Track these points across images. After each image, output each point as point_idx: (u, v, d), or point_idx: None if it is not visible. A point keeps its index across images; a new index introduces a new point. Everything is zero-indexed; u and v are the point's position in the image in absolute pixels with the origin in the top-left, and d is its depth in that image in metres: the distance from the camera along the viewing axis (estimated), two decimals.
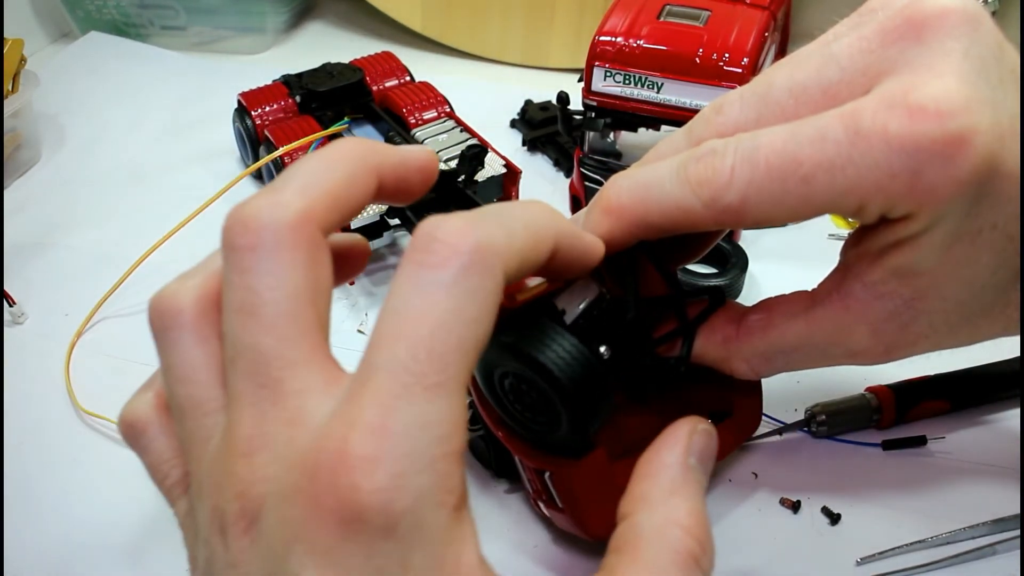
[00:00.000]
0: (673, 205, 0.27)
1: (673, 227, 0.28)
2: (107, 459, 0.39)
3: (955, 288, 0.27)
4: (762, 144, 0.26)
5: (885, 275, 0.27)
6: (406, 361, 0.20)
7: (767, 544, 0.35)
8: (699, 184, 0.26)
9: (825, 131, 0.25)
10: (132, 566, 0.35)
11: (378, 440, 0.20)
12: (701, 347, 0.31)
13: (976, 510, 0.35)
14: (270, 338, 0.22)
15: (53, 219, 0.54)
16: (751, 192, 0.26)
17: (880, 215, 0.26)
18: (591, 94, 0.46)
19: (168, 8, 0.72)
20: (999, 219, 0.26)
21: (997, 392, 0.40)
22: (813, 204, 0.25)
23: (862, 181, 0.24)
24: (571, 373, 0.26)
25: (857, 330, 0.29)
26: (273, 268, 0.22)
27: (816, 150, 0.25)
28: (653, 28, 0.44)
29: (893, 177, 0.24)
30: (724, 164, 0.26)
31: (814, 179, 0.25)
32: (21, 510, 0.37)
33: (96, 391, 0.42)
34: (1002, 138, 0.24)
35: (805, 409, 0.39)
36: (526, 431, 0.30)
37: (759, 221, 0.26)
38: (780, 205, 0.26)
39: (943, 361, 0.41)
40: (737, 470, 0.38)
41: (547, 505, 0.32)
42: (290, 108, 0.55)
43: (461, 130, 0.53)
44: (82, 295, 0.47)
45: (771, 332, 0.30)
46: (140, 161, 0.59)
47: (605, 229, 0.28)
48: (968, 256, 0.26)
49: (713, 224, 0.27)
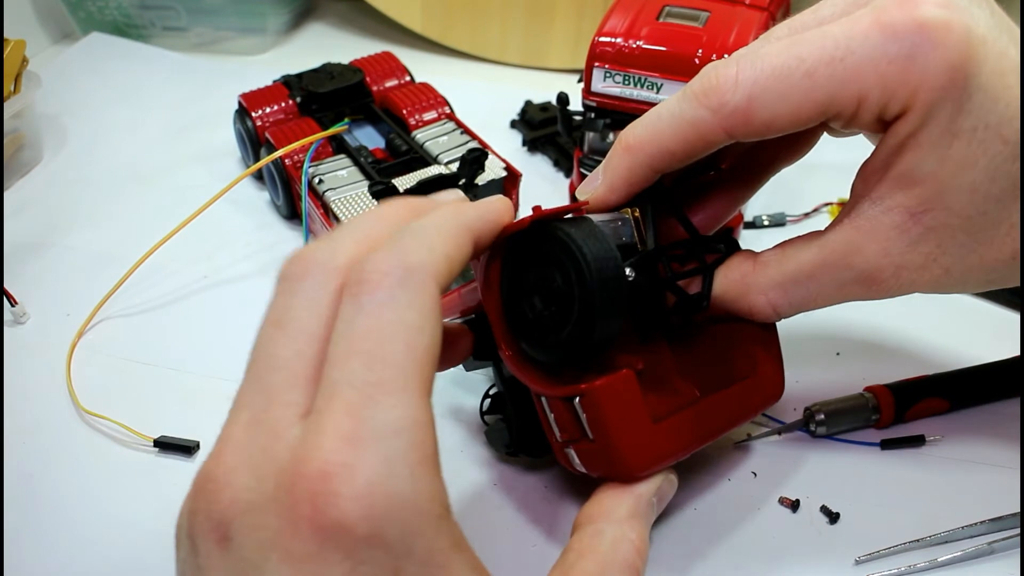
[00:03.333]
0: (684, 122, 0.29)
1: (687, 148, 0.29)
2: (108, 459, 0.39)
3: (958, 197, 0.28)
4: (765, 51, 0.28)
5: (891, 186, 0.29)
6: (363, 373, 0.21)
7: (766, 543, 0.35)
8: (705, 93, 0.28)
9: (825, 32, 0.28)
10: (132, 566, 0.35)
11: (351, 447, 0.20)
12: (720, 284, 0.33)
13: (974, 509, 0.35)
14: (289, 352, 0.23)
15: (55, 219, 0.54)
16: (756, 91, 0.28)
17: (878, 112, 0.28)
18: (591, 95, 0.46)
19: (169, 9, 0.72)
20: (991, 118, 0.27)
21: (995, 391, 0.40)
22: (816, 99, 0.27)
23: (861, 69, 0.27)
24: (597, 252, 0.28)
25: (867, 248, 0.30)
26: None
27: (817, 47, 0.27)
28: (652, 29, 0.44)
29: (890, 62, 0.27)
30: (728, 71, 0.28)
31: (816, 72, 0.27)
32: (21, 510, 0.37)
33: (97, 391, 0.42)
34: (983, 39, 0.27)
35: (804, 409, 0.39)
36: (542, 348, 0.30)
37: (766, 123, 0.28)
38: (785, 101, 0.28)
39: (942, 361, 0.42)
40: (736, 469, 0.38)
41: (578, 448, 0.31)
42: (290, 109, 0.55)
43: (461, 132, 0.53)
44: (83, 295, 0.47)
45: (786, 260, 0.31)
46: (141, 161, 0.60)
47: (625, 167, 0.31)
48: (966, 157, 0.28)
49: (723, 133, 0.29)
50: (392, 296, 0.22)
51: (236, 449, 0.22)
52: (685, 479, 0.37)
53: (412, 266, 0.23)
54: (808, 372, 0.42)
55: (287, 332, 0.23)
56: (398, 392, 0.21)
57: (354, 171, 0.50)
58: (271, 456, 0.21)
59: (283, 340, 0.23)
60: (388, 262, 0.23)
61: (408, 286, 0.23)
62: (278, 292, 0.24)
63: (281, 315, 0.24)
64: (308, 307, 0.23)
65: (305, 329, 0.23)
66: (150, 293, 0.48)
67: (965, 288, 0.31)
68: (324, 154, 0.51)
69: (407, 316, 0.22)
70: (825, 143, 0.36)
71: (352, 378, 0.21)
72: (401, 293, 0.23)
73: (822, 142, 0.35)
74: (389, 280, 0.23)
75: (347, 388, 0.21)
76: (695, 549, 0.35)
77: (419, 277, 0.23)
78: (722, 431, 0.33)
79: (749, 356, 0.34)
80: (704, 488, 0.37)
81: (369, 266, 0.23)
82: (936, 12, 0.26)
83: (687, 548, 0.35)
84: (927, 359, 0.43)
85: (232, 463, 0.22)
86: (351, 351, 0.22)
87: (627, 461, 0.30)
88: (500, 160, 0.51)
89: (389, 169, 0.50)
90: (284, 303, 0.24)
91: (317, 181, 0.49)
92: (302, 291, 0.24)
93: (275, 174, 0.51)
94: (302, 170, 0.48)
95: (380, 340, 0.22)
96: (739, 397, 0.33)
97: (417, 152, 0.51)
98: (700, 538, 0.35)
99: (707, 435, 0.32)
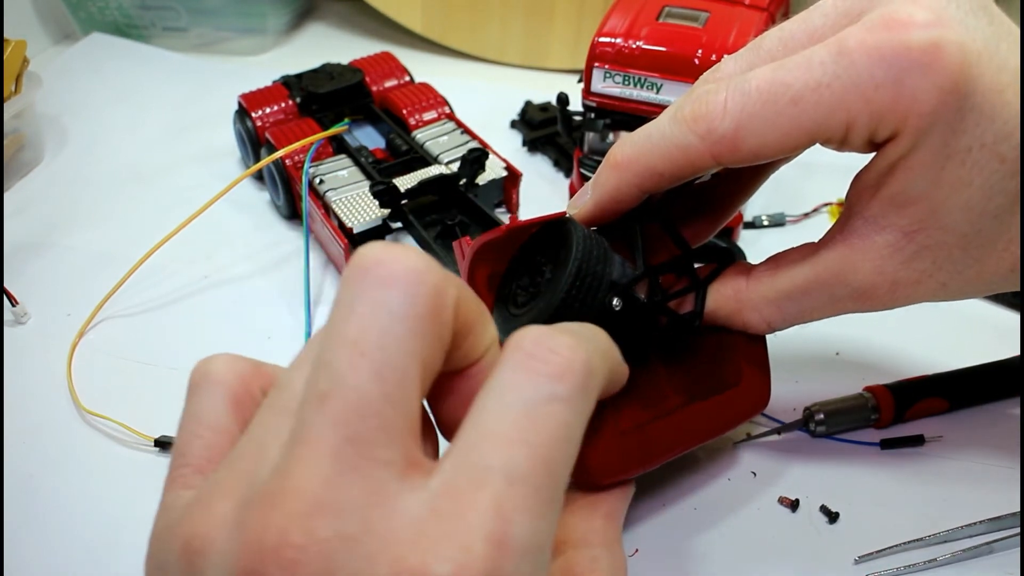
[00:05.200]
0: (672, 146, 0.28)
1: (674, 170, 0.29)
2: (108, 459, 0.39)
3: (952, 216, 0.28)
4: (753, 76, 0.27)
5: (883, 206, 0.28)
6: (526, 472, 0.18)
7: (766, 543, 0.35)
8: (694, 119, 0.28)
9: (811, 56, 0.27)
10: (132, 567, 0.35)
11: (497, 554, 0.17)
12: (713, 301, 0.32)
13: (974, 508, 0.35)
14: (379, 388, 0.19)
15: (56, 219, 0.54)
16: (744, 119, 0.27)
17: (868, 137, 0.27)
18: (591, 95, 0.46)
19: (170, 9, 0.72)
20: (987, 137, 0.26)
21: (995, 391, 0.40)
22: (803, 126, 0.27)
23: (847, 95, 0.26)
24: (588, 252, 0.28)
25: (861, 266, 0.29)
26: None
27: (803, 72, 0.26)
28: (652, 29, 0.44)
29: (877, 87, 0.26)
30: (717, 98, 0.28)
31: (802, 99, 0.26)
32: (21, 510, 0.37)
33: (98, 391, 0.42)
34: (979, 55, 0.26)
35: (804, 408, 0.39)
36: (504, 322, 0.31)
37: (754, 151, 0.28)
38: (772, 128, 0.27)
39: (942, 361, 0.42)
40: (736, 469, 0.38)
41: None
42: (290, 110, 0.55)
43: (461, 132, 0.53)
44: (84, 295, 0.47)
45: (779, 277, 0.31)
46: (142, 162, 0.60)
47: (613, 184, 0.30)
48: (960, 178, 0.27)
49: (711, 159, 0.28)
50: (573, 396, 0.20)
51: (328, 507, 0.18)
52: (685, 479, 0.37)
53: (593, 371, 0.21)
54: (807, 372, 0.42)
55: (376, 364, 0.19)
56: (549, 504, 0.19)
57: (355, 171, 0.50)
58: (378, 538, 0.18)
59: (369, 373, 0.19)
60: (575, 352, 0.20)
61: (590, 390, 0.21)
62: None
63: (362, 335, 0.19)
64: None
65: (401, 366, 0.20)
66: (150, 293, 0.48)
67: (963, 298, 0.31)
68: (324, 154, 0.51)
69: (577, 427, 0.20)
70: None
71: (513, 473, 0.18)
72: (582, 396, 0.21)
73: None
74: (574, 377, 0.20)
75: (503, 484, 0.18)
76: (695, 549, 0.35)
77: (593, 385, 0.21)
78: (700, 441, 0.33)
79: (736, 366, 0.34)
80: (704, 488, 0.37)
81: (555, 345, 0.20)
82: (926, 34, 0.25)
83: (687, 548, 0.35)
84: (927, 359, 0.43)
85: (330, 526, 0.18)
86: (518, 440, 0.19)
87: (591, 470, 0.30)
88: (500, 160, 0.51)
89: (390, 169, 0.50)
90: (372, 317, 0.20)
91: (318, 181, 0.49)
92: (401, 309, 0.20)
93: (275, 174, 0.51)
94: (303, 170, 0.48)
95: (554, 441, 0.20)
96: (720, 408, 0.33)
97: (417, 152, 0.51)
98: (700, 538, 0.35)
99: (681, 445, 0.32)
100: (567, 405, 0.20)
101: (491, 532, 0.17)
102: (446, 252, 0.45)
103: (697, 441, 0.33)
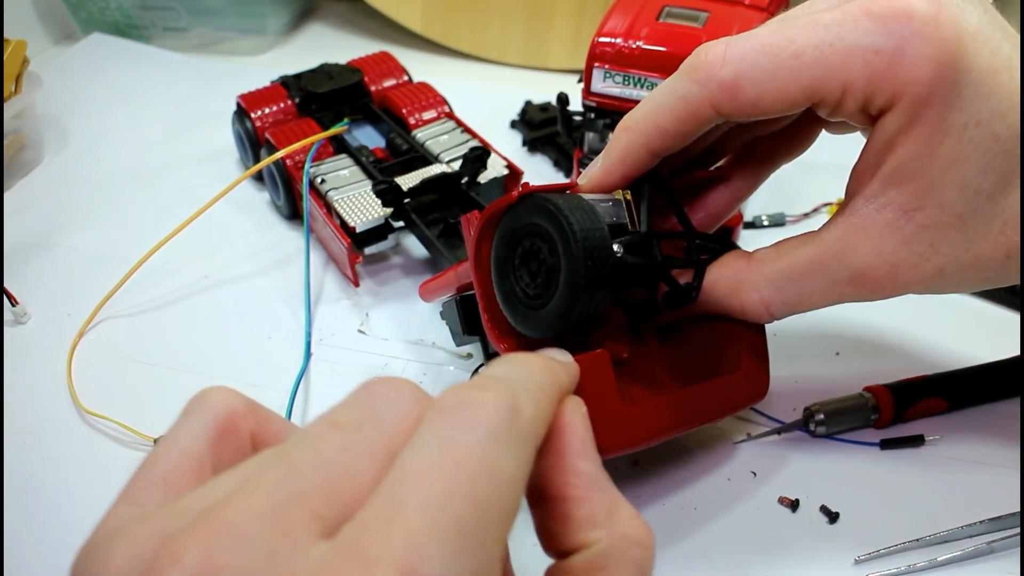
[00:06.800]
0: (675, 98, 0.30)
1: (678, 124, 0.30)
2: (108, 459, 0.39)
3: (949, 194, 0.28)
4: (757, 31, 0.29)
5: (883, 183, 0.29)
6: (442, 503, 0.17)
7: (766, 543, 0.35)
8: (694, 68, 0.29)
9: (816, 18, 0.28)
10: None
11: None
12: (712, 278, 0.33)
13: (974, 509, 0.35)
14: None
15: (56, 219, 0.54)
16: (744, 67, 0.28)
17: (863, 103, 0.28)
18: (591, 95, 0.46)
19: (170, 9, 0.73)
20: (982, 115, 0.27)
21: (995, 391, 0.40)
22: (801, 82, 0.28)
23: (847, 57, 0.27)
24: (584, 223, 0.28)
25: (861, 245, 0.30)
26: None
27: (807, 30, 0.28)
28: (652, 29, 0.44)
29: (877, 52, 0.27)
30: (717, 47, 0.29)
31: (803, 54, 0.28)
32: (21, 510, 0.37)
33: (98, 391, 0.42)
34: (974, 36, 0.27)
35: (804, 408, 0.39)
36: (528, 323, 0.30)
37: (753, 102, 0.29)
38: (771, 79, 0.28)
39: (942, 361, 0.42)
40: (736, 469, 0.38)
41: None
42: (289, 110, 0.55)
43: (462, 131, 0.53)
44: (84, 295, 0.47)
45: (780, 258, 0.32)
46: (142, 162, 0.60)
47: (622, 146, 0.31)
48: (957, 153, 0.28)
49: (711, 110, 0.29)
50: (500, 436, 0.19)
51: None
52: (685, 479, 0.37)
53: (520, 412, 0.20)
54: (808, 372, 0.42)
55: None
56: (470, 539, 0.17)
57: (356, 170, 0.50)
58: None
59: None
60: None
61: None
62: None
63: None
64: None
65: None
66: (151, 293, 0.48)
67: (960, 288, 0.31)
68: (325, 154, 0.51)
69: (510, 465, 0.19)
70: (824, 142, 0.36)
71: (427, 505, 0.17)
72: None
73: (821, 141, 0.36)
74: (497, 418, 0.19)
75: (416, 516, 0.17)
76: (695, 548, 0.35)
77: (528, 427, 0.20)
78: (699, 422, 0.33)
79: (735, 355, 0.34)
80: (704, 488, 0.37)
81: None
82: (927, 8, 0.27)
83: (687, 547, 0.35)
84: (927, 359, 0.43)
85: None
86: (436, 476, 0.18)
87: (600, 440, 0.30)
88: (502, 158, 0.51)
89: (391, 168, 0.50)
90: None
91: (319, 181, 0.49)
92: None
93: (276, 174, 0.51)
94: (304, 170, 0.48)
95: (473, 475, 0.18)
96: (720, 391, 0.34)
97: (418, 151, 0.51)
98: (700, 538, 0.35)
99: (681, 424, 0.33)
100: (492, 442, 0.19)
101: (401, 563, 0.16)
102: (449, 250, 0.45)
103: (697, 422, 0.33)
